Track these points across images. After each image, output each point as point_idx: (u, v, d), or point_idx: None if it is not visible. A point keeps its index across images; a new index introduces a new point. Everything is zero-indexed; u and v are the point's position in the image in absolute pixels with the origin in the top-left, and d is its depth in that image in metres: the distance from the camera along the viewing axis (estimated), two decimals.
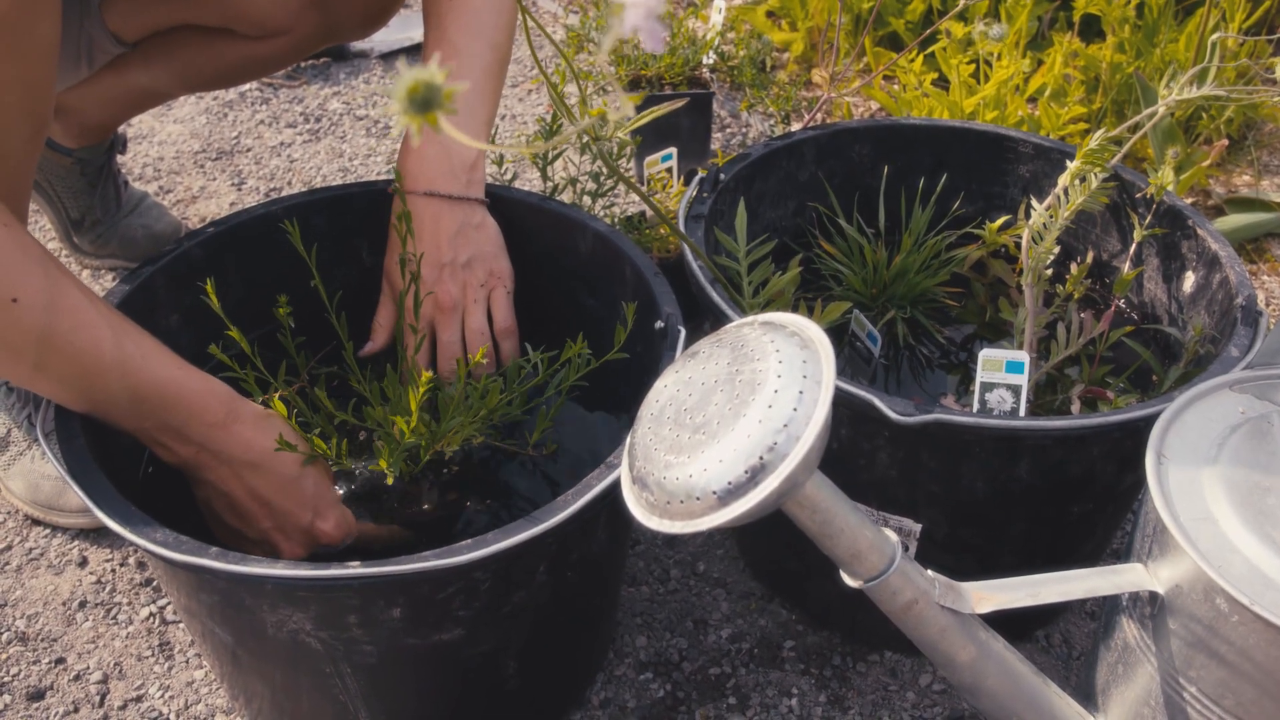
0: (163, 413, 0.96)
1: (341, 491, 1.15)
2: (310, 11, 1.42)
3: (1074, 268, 1.27)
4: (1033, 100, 2.04)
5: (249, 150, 2.15)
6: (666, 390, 0.75)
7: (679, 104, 1.11)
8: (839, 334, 1.31)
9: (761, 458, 0.67)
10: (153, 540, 0.85)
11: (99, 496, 0.90)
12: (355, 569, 0.83)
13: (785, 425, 0.67)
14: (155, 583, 1.32)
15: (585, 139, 1.34)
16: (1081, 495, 1.08)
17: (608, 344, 1.26)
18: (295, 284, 1.20)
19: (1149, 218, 1.26)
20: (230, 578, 0.84)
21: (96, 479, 0.91)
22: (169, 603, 1.29)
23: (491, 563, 0.85)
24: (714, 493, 0.68)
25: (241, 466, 0.99)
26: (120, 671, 1.23)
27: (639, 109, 1.00)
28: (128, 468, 1.07)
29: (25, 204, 1.13)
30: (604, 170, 1.49)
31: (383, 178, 2.02)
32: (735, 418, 0.69)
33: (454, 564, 0.83)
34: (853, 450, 1.06)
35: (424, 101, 0.43)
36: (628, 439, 0.77)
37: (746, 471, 0.67)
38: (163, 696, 1.20)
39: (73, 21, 1.37)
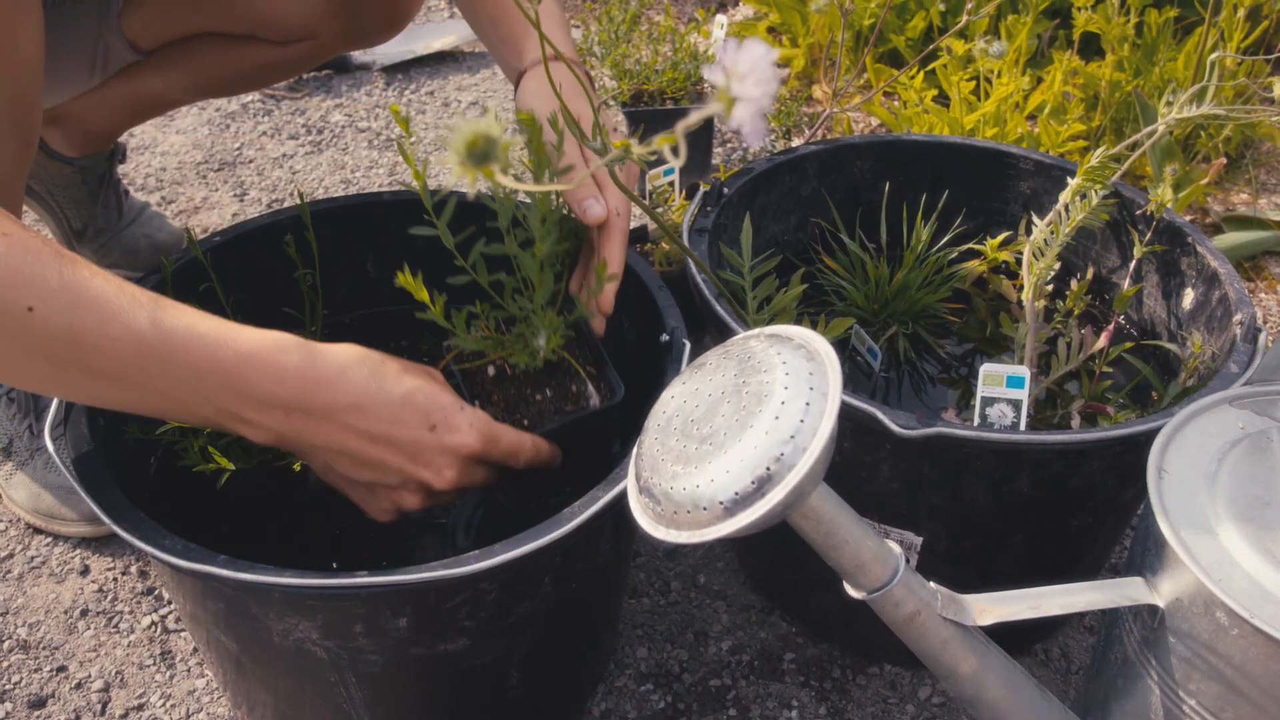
0: (234, 382, 0.85)
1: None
2: (335, 17, 1.43)
3: (1074, 284, 1.28)
4: (1032, 117, 2.05)
5: (251, 161, 2.16)
6: (673, 401, 0.75)
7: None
8: (840, 349, 1.32)
9: (768, 469, 0.67)
10: (160, 547, 0.85)
11: (107, 503, 0.90)
12: (363, 578, 0.83)
13: (792, 437, 0.68)
14: (157, 591, 1.32)
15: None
16: (1082, 509, 1.08)
17: (612, 356, 1.27)
18: (299, 294, 1.21)
19: (1149, 235, 1.27)
20: (237, 585, 0.84)
21: (104, 485, 0.92)
22: (171, 611, 1.30)
23: (498, 573, 0.86)
24: (721, 503, 0.68)
25: (342, 413, 0.87)
26: (122, 680, 1.23)
27: (632, 119, 1.01)
28: (135, 473, 1.08)
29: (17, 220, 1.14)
30: None
31: (386, 189, 2.03)
32: (742, 429, 0.69)
33: (461, 574, 0.83)
34: (855, 463, 1.07)
35: (483, 155, 0.42)
36: (634, 450, 0.78)
37: (753, 482, 0.68)
38: (164, 705, 1.20)
39: (90, 30, 1.38)
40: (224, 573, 0.84)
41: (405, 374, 0.90)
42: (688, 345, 1.06)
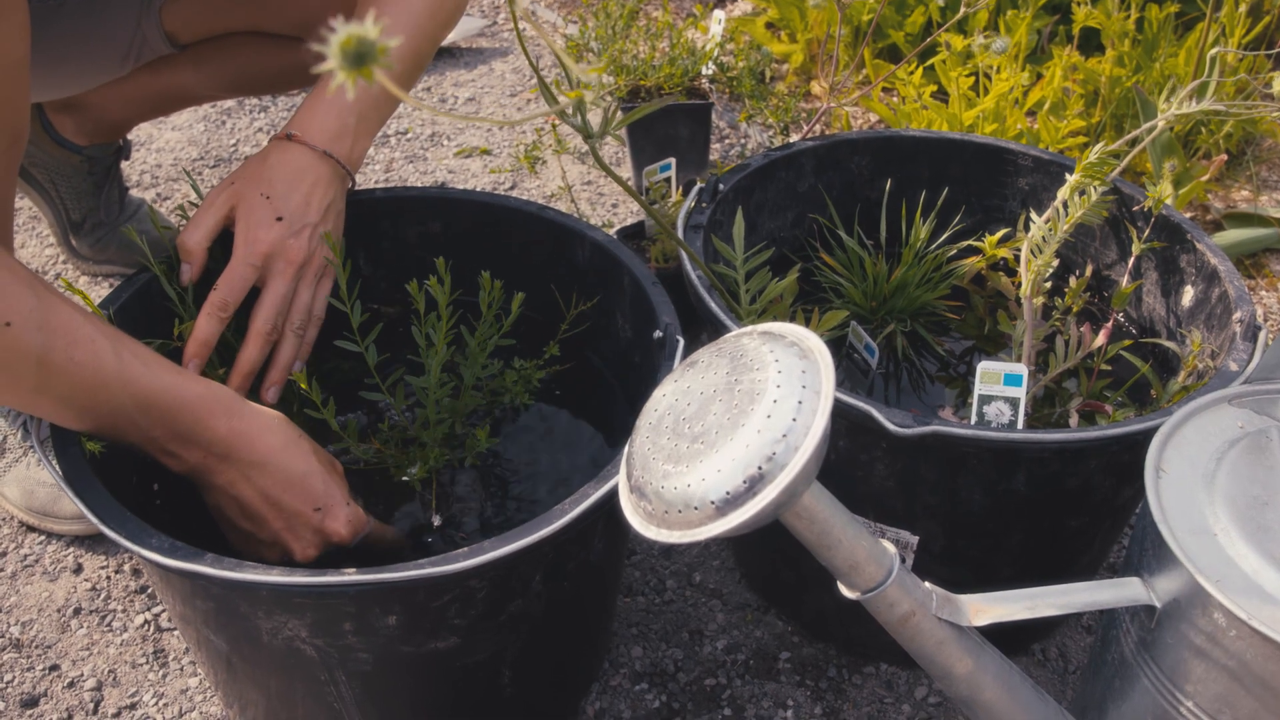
0: (169, 419, 0.94)
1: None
2: None
3: (1073, 281, 1.27)
4: (1032, 113, 2.04)
5: (247, 158, 2.15)
6: (665, 399, 0.75)
7: (667, 103, 1.11)
8: (836, 346, 1.31)
9: (760, 468, 0.67)
10: (148, 546, 0.85)
11: (94, 503, 0.89)
12: (351, 576, 0.82)
13: (784, 435, 0.67)
14: (150, 590, 1.31)
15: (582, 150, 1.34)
16: (1079, 508, 1.07)
17: (605, 351, 1.26)
18: None
19: (1148, 231, 1.26)
20: (225, 584, 0.83)
21: (92, 485, 0.91)
22: (164, 610, 1.29)
23: (488, 570, 0.85)
24: (712, 503, 0.68)
25: (248, 467, 0.97)
26: (114, 679, 1.22)
27: (627, 112, 1.01)
28: (123, 473, 1.07)
29: (8, 219, 1.13)
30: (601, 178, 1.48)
31: (380, 186, 2.03)
32: (734, 427, 0.68)
33: (450, 571, 0.83)
34: (850, 462, 1.06)
35: (359, 56, 0.43)
36: (625, 448, 0.77)
37: (745, 481, 0.67)
38: (157, 704, 1.19)
39: (129, 21, 1.38)
40: (211, 571, 0.83)
41: (314, 455, 1.01)
42: (681, 342, 1.06)
